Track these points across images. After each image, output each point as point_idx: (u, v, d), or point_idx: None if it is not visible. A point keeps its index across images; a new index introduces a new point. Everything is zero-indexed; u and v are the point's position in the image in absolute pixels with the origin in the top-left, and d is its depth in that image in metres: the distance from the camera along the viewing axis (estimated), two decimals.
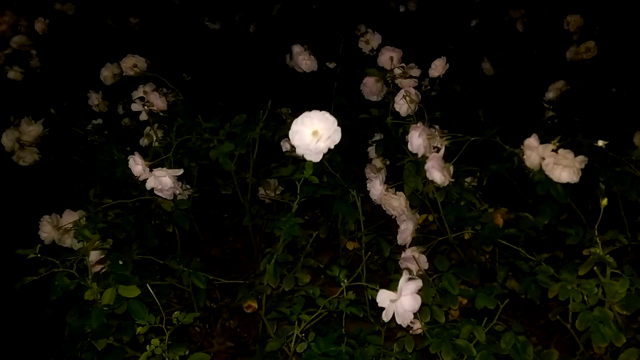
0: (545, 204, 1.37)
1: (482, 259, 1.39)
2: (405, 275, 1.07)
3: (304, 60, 1.87)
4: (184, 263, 1.33)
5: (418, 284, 1.08)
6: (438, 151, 1.36)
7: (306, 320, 1.12)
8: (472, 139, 1.36)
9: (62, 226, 1.36)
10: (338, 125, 1.02)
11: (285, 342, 1.12)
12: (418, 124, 1.38)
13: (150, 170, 1.32)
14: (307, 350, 1.08)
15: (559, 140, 1.28)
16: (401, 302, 1.06)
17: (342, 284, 1.13)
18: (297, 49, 1.88)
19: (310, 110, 1.05)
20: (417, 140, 1.36)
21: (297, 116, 1.06)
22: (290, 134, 1.02)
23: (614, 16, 2.43)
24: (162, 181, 1.31)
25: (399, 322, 1.08)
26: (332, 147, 1.02)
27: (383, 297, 1.06)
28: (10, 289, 1.20)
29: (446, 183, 1.35)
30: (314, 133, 1.01)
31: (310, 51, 1.88)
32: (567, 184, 1.29)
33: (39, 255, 1.11)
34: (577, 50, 2.12)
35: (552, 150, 1.28)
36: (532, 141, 1.31)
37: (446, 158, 1.36)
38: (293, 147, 1.03)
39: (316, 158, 1.03)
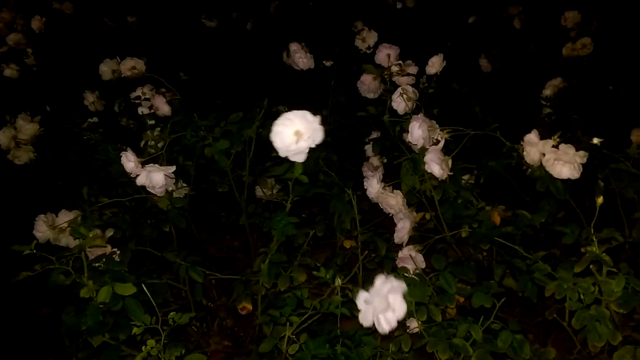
0: (544, 200, 1.37)
1: (479, 257, 1.39)
2: (381, 276, 1.02)
3: (301, 58, 1.86)
4: (181, 256, 1.32)
5: (394, 284, 1.01)
6: (437, 144, 1.35)
7: (297, 322, 1.11)
8: (472, 132, 1.35)
9: (58, 225, 1.36)
10: (320, 124, 1.01)
11: (278, 343, 1.12)
12: (419, 115, 1.37)
13: (142, 167, 1.31)
14: (298, 352, 1.08)
15: (560, 135, 1.28)
16: (376, 304, 1.03)
17: (331, 284, 1.13)
18: (294, 46, 1.87)
19: (307, 109, 1.05)
20: (417, 131, 1.35)
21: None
22: (272, 136, 1.02)
23: (612, 13, 2.42)
24: (154, 178, 1.30)
25: (366, 325, 1.02)
26: (314, 146, 1.01)
27: (360, 298, 1.04)
28: (7, 288, 1.19)
29: (445, 176, 1.34)
30: (295, 133, 1.00)
31: (308, 49, 1.87)
32: (567, 180, 1.28)
33: (35, 251, 1.10)
34: (572, 47, 2.12)
35: (553, 146, 1.28)
36: (532, 137, 1.31)
37: (445, 152, 1.35)
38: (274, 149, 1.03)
39: (299, 158, 1.03)
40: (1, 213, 1.86)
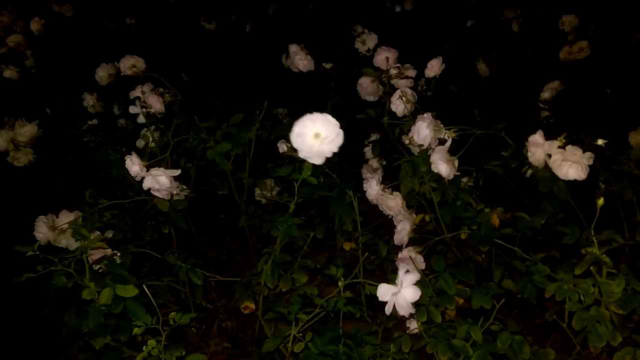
0: (546, 201, 1.37)
1: (478, 258, 1.40)
2: (402, 268, 1.08)
3: (300, 60, 1.86)
4: (181, 259, 1.33)
5: (416, 275, 1.09)
6: (443, 143, 1.36)
7: (304, 320, 1.12)
8: (479, 132, 1.35)
9: (58, 227, 1.36)
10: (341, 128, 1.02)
11: (282, 342, 1.12)
12: (425, 115, 1.37)
13: (147, 170, 1.32)
14: (304, 350, 1.08)
15: (565, 137, 1.28)
16: (402, 294, 1.07)
17: (339, 282, 1.13)
18: (294, 48, 1.87)
19: (307, 111, 1.05)
20: (424, 131, 1.35)
21: (294, 117, 1.05)
22: (292, 137, 1.01)
23: (609, 16, 2.44)
24: (160, 180, 1.31)
25: (401, 314, 1.09)
26: (336, 150, 1.01)
27: (384, 290, 1.07)
28: (7, 289, 1.19)
29: (451, 176, 1.34)
30: (316, 135, 1.00)
31: (307, 51, 1.87)
32: (570, 181, 1.28)
33: (37, 252, 1.10)
34: (570, 50, 2.12)
35: (559, 147, 1.28)
36: (537, 138, 1.31)
37: (450, 152, 1.36)
38: (294, 149, 1.02)
39: (319, 161, 1.02)
40: (1, 215, 1.86)
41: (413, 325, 1.19)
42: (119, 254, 1.30)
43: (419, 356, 1.17)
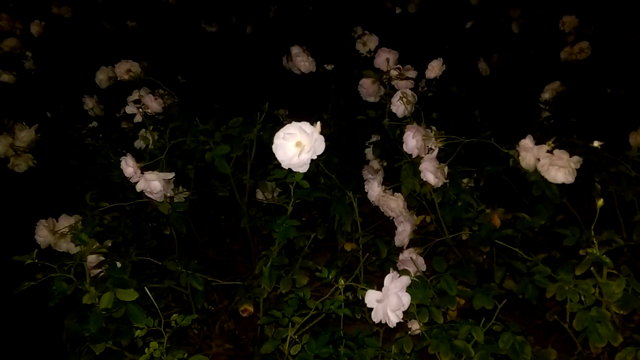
0: (541, 204, 1.37)
1: (479, 259, 1.40)
2: (390, 275, 1.08)
3: (302, 62, 1.87)
4: (182, 265, 1.33)
5: (404, 280, 1.09)
6: (432, 152, 1.36)
7: (298, 322, 1.12)
8: (467, 140, 1.36)
9: (58, 230, 1.36)
10: (321, 133, 1.03)
11: (280, 345, 1.12)
12: (413, 125, 1.38)
13: (142, 173, 1.32)
14: (300, 353, 1.08)
15: (554, 141, 1.28)
16: (387, 302, 1.07)
17: (334, 284, 1.13)
18: (295, 50, 1.88)
19: (308, 112, 1.06)
20: (411, 141, 1.36)
21: (295, 118, 1.06)
22: (273, 148, 1.03)
23: (610, 17, 2.44)
24: (152, 185, 1.31)
25: (382, 322, 1.09)
26: (315, 157, 1.03)
27: (370, 297, 1.07)
28: (8, 294, 1.19)
29: (440, 184, 1.35)
30: (297, 144, 1.02)
31: (309, 52, 1.88)
32: (563, 184, 1.29)
33: (36, 260, 1.10)
34: (571, 51, 2.13)
35: (547, 151, 1.28)
36: (527, 142, 1.32)
37: (441, 159, 1.36)
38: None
39: (302, 169, 1.05)
40: (2, 219, 1.86)
41: (415, 326, 1.19)
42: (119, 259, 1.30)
43: (421, 357, 1.18)
